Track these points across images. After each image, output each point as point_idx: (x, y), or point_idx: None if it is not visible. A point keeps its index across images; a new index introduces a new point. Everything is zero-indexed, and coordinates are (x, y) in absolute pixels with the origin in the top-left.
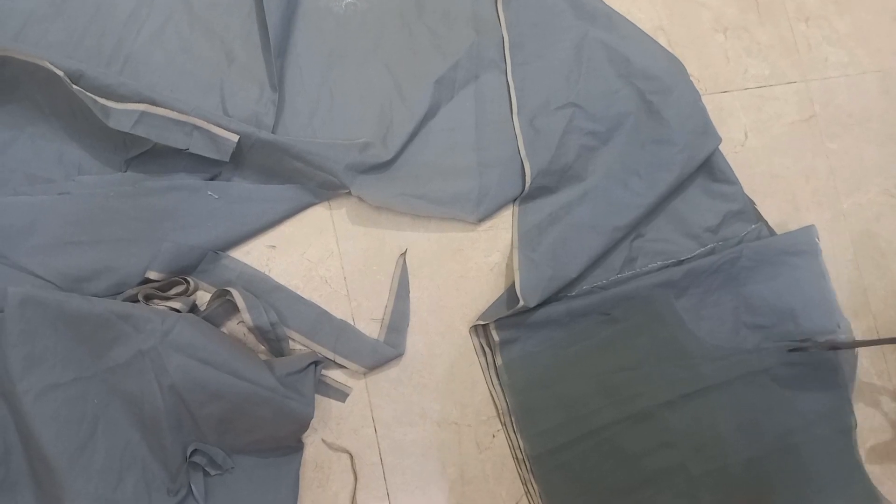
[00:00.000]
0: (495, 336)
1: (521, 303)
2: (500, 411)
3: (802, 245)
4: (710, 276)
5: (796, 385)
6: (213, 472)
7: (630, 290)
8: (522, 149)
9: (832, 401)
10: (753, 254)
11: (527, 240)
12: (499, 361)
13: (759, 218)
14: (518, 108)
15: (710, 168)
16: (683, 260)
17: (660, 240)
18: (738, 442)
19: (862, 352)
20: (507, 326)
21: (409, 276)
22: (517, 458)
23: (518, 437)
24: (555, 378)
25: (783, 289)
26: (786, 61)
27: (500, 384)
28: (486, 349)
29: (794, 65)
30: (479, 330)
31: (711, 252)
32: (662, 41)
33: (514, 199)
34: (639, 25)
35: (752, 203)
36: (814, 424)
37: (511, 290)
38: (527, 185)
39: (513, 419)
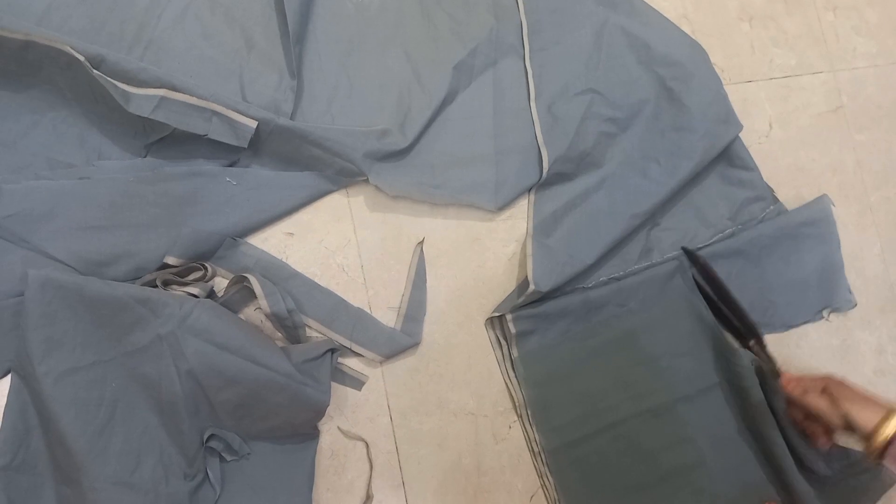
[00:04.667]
0: (511, 328)
1: (532, 287)
2: (517, 404)
3: (818, 213)
4: (730, 259)
5: None
6: (229, 458)
7: (647, 278)
8: (540, 135)
9: None
10: (773, 231)
11: (542, 227)
12: (514, 353)
13: (776, 200)
14: (536, 94)
15: (729, 155)
16: (702, 247)
17: (677, 228)
18: (760, 438)
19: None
20: (523, 318)
21: (427, 266)
22: (533, 451)
23: (534, 430)
24: (571, 371)
25: (804, 261)
26: (813, 51)
27: (517, 377)
28: (503, 341)
29: (822, 55)
30: (496, 322)
31: (730, 236)
32: (686, 30)
33: (533, 187)
34: (663, 13)
35: (771, 190)
36: None
37: (526, 282)
38: (544, 172)
39: (528, 412)
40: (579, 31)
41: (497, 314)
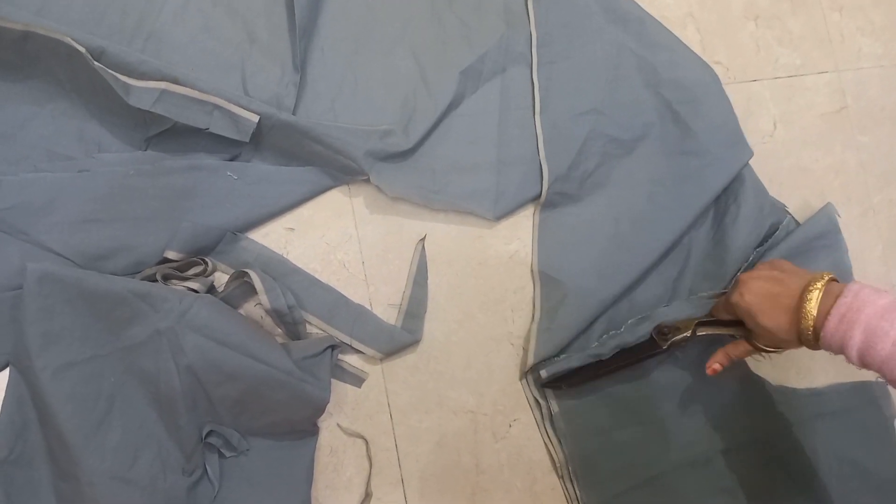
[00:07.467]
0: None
1: (536, 321)
2: (558, 464)
3: (826, 225)
4: None
5: (857, 433)
6: (227, 454)
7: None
8: (542, 150)
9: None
10: (786, 250)
11: (547, 258)
12: (555, 409)
13: (786, 214)
14: (541, 108)
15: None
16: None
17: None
18: (800, 490)
19: None
20: (559, 370)
21: (428, 263)
22: None
23: (575, 487)
24: (612, 424)
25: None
26: (818, 51)
27: (556, 434)
28: (541, 401)
29: (827, 55)
30: (530, 381)
31: (752, 264)
32: (691, 29)
33: (533, 199)
34: (668, 12)
35: (784, 206)
36: (882, 482)
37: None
38: (544, 190)
39: (570, 469)
40: (588, 48)
41: (531, 370)
